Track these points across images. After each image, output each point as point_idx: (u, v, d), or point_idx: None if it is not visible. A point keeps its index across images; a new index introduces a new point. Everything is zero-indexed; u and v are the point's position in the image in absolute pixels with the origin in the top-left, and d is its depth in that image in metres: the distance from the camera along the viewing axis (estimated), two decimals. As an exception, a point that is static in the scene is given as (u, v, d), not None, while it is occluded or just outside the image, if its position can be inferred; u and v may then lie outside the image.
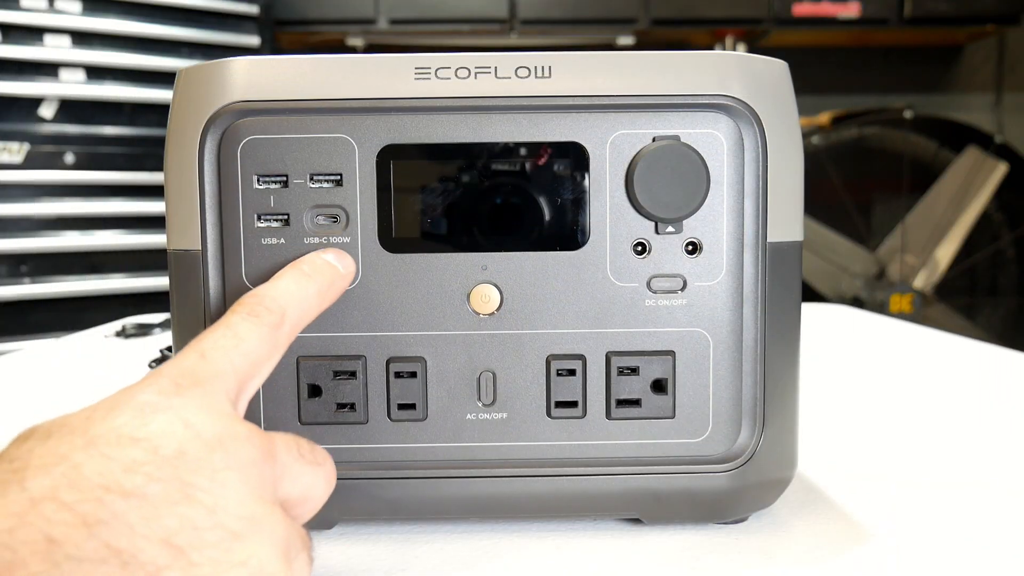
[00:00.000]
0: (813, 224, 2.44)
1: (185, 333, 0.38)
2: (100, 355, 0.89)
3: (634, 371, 0.38)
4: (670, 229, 0.37)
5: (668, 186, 0.36)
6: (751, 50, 1.50)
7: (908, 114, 2.56)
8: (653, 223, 0.37)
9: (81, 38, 1.92)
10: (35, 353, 0.89)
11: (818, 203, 2.51)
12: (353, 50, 2.63)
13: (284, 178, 0.37)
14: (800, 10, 2.65)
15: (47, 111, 1.90)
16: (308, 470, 0.30)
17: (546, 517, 0.40)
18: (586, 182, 0.37)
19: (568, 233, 0.37)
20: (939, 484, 0.46)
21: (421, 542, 0.38)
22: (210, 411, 0.27)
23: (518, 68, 0.37)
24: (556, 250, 0.37)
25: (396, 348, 0.37)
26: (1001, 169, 2.50)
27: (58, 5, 1.88)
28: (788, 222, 0.38)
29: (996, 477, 0.47)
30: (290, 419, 0.37)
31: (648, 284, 0.37)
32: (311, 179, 0.37)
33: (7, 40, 1.83)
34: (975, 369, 0.79)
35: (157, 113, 2.02)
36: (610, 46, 2.66)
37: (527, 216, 0.37)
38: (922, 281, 2.52)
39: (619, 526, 0.40)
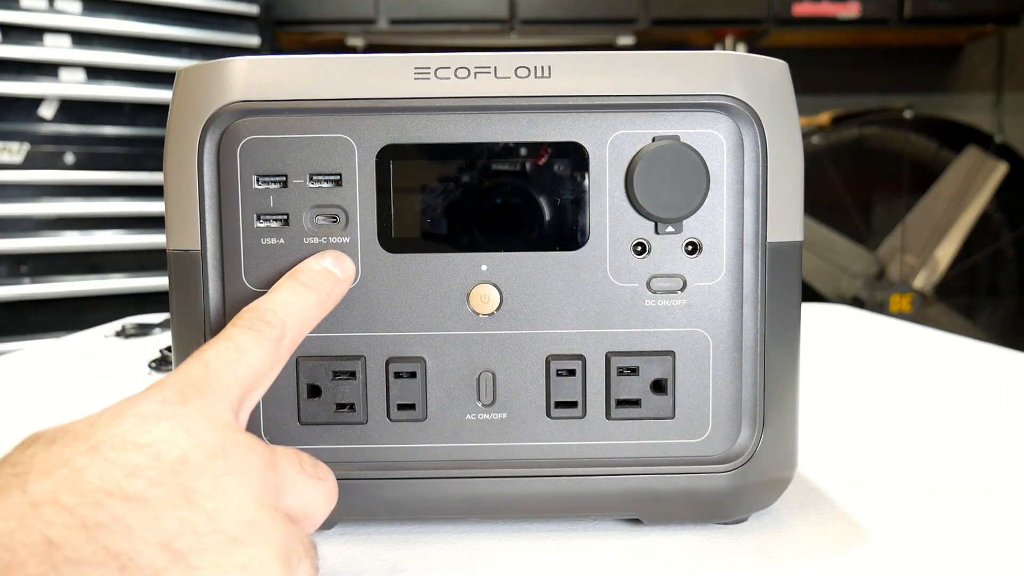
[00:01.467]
0: (813, 224, 2.44)
1: (185, 333, 0.38)
2: (100, 355, 0.89)
3: (634, 371, 0.38)
4: (670, 229, 0.37)
5: (668, 186, 0.36)
6: (751, 50, 1.50)
7: (908, 114, 2.56)
8: (653, 223, 0.37)
9: (81, 38, 1.91)
10: (35, 353, 0.89)
11: (818, 203, 2.51)
12: (353, 50, 2.63)
13: (283, 178, 0.37)
14: (800, 10, 2.65)
15: (47, 111, 1.90)
16: (309, 484, 0.30)
17: (546, 517, 0.40)
18: (586, 182, 0.37)
19: (568, 233, 0.37)
20: (939, 484, 0.46)
21: (421, 542, 0.38)
22: (212, 420, 0.27)
23: (518, 68, 0.37)
24: (556, 250, 0.37)
25: (395, 348, 0.37)
26: (1001, 169, 2.50)
27: (58, 5, 1.88)
28: (788, 222, 0.38)
29: (996, 478, 0.47)
30: (289, 419, 0.37)
31: (648, 284, 0.37)
32: (311, 179, 0.37)
33: (7, 40, 1.83)
34: (975, 369, 0.79)
35: (157, 113, 2.02)
36: (610, 46, 2.66)
37: (527, 216, 0.37)
38: (922, 281, 2.52)
39: (619, 526, 0.40)
